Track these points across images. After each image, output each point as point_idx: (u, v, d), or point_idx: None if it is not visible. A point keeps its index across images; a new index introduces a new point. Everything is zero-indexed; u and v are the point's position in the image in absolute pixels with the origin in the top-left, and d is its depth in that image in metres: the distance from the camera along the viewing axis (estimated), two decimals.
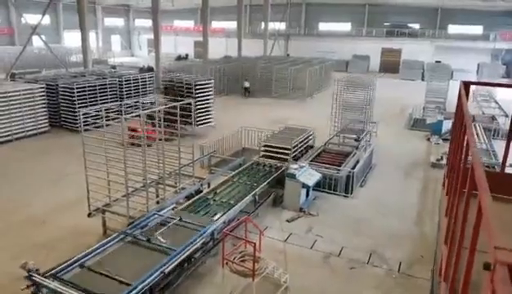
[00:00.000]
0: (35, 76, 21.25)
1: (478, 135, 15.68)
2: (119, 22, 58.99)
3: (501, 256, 1.89)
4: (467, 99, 6.13)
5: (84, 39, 22.75)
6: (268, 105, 23.85)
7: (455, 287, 3.31)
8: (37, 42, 46.66)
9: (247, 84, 26.96)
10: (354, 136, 15.85)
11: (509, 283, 1.76)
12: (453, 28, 43.23)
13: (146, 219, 8.19)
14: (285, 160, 11.98)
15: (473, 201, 3.14)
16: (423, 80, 33.86)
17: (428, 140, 16.97)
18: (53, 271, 6.28)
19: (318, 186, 11.01)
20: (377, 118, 18.65)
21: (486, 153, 13.15)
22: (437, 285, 4.89)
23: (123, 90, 18.67)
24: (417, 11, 44.21)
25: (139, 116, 9.13)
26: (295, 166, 10.21)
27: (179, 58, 49.56)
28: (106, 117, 9.06)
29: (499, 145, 14.76)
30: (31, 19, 45.53)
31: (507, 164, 11.68)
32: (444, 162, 13.24)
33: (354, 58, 44.29)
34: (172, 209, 8.75)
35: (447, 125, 17.11)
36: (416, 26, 45.32)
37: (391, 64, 43.54)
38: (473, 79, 34.88)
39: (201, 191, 9.97)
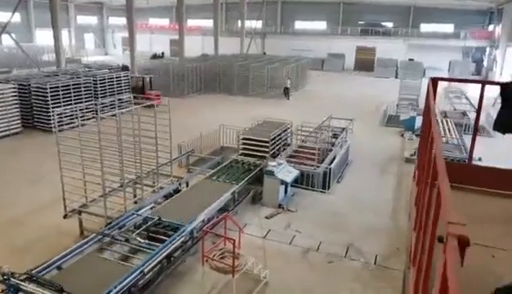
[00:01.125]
0: (6, 76, 20.66)
1: (449, 130, 16.19)
2: (92, 20, 57.82)
3: (453, 229, 2.13)
4: (435, 95, 6.35)
5: (57, 38, 22.27)
6: (246, 104, 23.92)
7: (421, 269, 3.50)
8: (7, 40, 45.42)
9: (288, 84, 26.01)
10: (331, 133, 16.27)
11: (458, 253, 1.97)
12: (425, 27, 44.35)
13: (125, 219, 8.14)
14: (264, 158, 12.08)
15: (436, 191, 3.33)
16: (397, 78, 34.62)
17: (402, 136, 17.40)
18: (29, 274, 6.18)
19: (296, 182, 11.16)
20: (353, 116, 18.99)
21: (457, 148, 13.61)
22: (408, 271, 5.10)
23: (98, 89, 18.35)
24: (391, 9, 45.13)
25: (115, 115, 9.06)
26: (273, 163, 10.32)
27: (155, 56, 48.97)
28: (82, 116, 8.95)
29: (469, 141, 15.31)
30: (0, 16, 44.40)
31: (475, 158, 12.19)
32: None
33: (329, 56, 44.83)
34: (151, 209, 8.73)
35: (420, 121, 17.58)
36: (390, 25, 46.26)
37: (366, 63, 44.29)
38: (445, 76, 35.89)
39: (179, 190, 9.96)
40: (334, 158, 12.39)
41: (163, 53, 50.94)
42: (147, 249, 7.00)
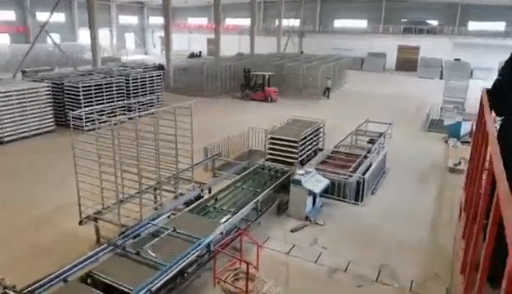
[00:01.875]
0: (44, 74, 21.10)
1: None
2: (133, 20, 59.01)
3: None
4: (491, 111, 5.28)
5: (93, 37, 22.50)
6: (280, 104, 23.25)
7: None
8: (50, 40, 47.15)
9: (329, 83, 25.31)
10: (367, 139, 15.31)
11: None
12: (473, 25, 41.75)
13: (140, 228, 7.72)
14: (292, 164, 11.39)
15: None
16: (441, 78, 32.67)
17: (446, 142, 16.11)
18: (34, 286, 5.86)
19: (326, 192, 10.38)
20: (393, 119, 17.88)
21: None
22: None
23: (130, 88, 18.28)
24: (436, 6, 42.85)
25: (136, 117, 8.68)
26: (301, 171, 9.60)
27: (192, 55, 49.34)
28: (110, 115, 8.65)
29: None
30: (44, 17, 46.12)
31: None
32: (462, 167, 12.48)
33: (370, 56, 43.20)
34: (168, 217, 8.27)
35: (466, 127, 16.24)
36: (435, 23, 43.96)
37: (408, 62, 42.30)
38: (494, 78, 33.48)
39: (201, 197, 9.46)
40: (369, 167, 11.49)
41: (200, 52, 51.19)
42: (159, 264, 6.52)
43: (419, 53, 41.94)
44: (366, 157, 12.32)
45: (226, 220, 7.88)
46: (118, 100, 17.30)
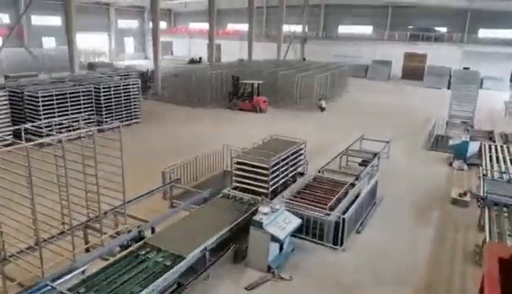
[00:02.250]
0: (26, 80, 19.57)
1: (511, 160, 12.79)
2: (133, 24, 57.72)
3: None
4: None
5: (71, 41, 20.98)
6: (271, 116, 21.42)
7: None
8: (46, 43, 45.99)
9: (324, 104, 23.36)
10: (360, 160, 13.45)
11: None
12: (484, 32, 39.60)
13: (37, 290, 5.92)
14: (264, 194, 9.56)
15: None
16: (449, 88, 30.62)
17: (451, 164, 14.15)
18: None
19: (300, 232, 8.55)
20: (392, 135, 16.01)
21: None
22: None
23: (101, 98, 16.59)
24: (444, 13, 40.75)
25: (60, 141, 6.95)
26: (265, 209, 7.74)
27: (192, 61, 47.88)
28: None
29: None
30: (40, 20, 44.99)
31: None
32: (468, 198, 10.55)
33: (374, 63, 41.20)
34: (83, 272, 6.48)
35: (474, 147, 14.27)
36: (443, 30, 41.88)
37: (415, 71, 40.19)
38: (506, 88, 31.43)
39: (142, 238, 7.68)
40: (355, 198, 9.61)
41: (200, 58, 49.63)
42: None
43: (426, 61, 39.89)
44: (353, 184, 10.44)
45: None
46: (85, 112, 15.76)
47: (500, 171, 11.46)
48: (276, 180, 9.83)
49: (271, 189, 9.65)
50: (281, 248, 7.86)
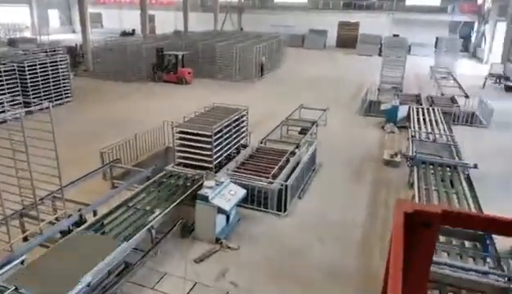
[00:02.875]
0: None
1: (437, 121, 13.86)
2: None
3: None
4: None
5: None
6: (210, 88, 21.20)
7: None
8: None
9: (264, 60, 23.15)
10: (300, 128, 13.85)
11: None
12: (411, 0, 41.53)
13: None
14: (207, 168, 9.61)
15: None
16: (380, 55, 32.05)
17: (383, 128, 15.04)
18: None
19: (246, 201, 8.77)
20: (328, 102, 16.59)
21: (446, 148, 11.24)
22: None
23: (27, 78, 15.42)
24: None
25: None
26: (210, 183, 7.83)
27: (124, 34, 45.52)
28: None
29: (460, 134, 13.05)
30: None
31: (470, 164, 9.85)
32: (398, 159, 11.35)
33: (311, 33, 41.87)
34: (22, 263, 6.22)
35: (404, 110, 15.24)
36: None
37: (348, 39, 41.41)
38: (431, 54, 33.46)
39: (84, 222, 7.47)
40: (296, 166, 9.97)
41: (133, 30, 47.23)
42: None
43: (358, 30, 41.23)
44: (293, 153, 10.80)
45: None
46: (9, 93, 14.64)
47: (426, 132, 12.38)
48: (220, 150, 9.89)
49: (215, 162, 9.72)
50: (228, 219, 8.04)
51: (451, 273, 5.78)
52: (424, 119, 13.91)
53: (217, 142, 9.78)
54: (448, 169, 9.69)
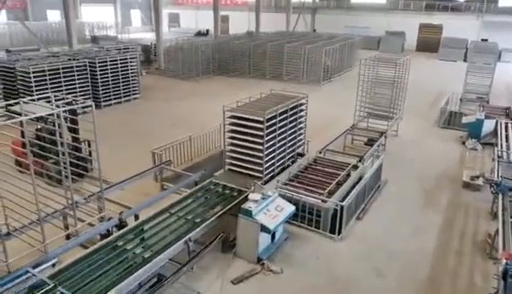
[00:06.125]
0: (26, 54, 18.90)
1: None
2: None
3: None
4: None
5: (67, 15, 20.12)
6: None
7: None
8: (51, 16, 45.21)
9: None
10: (366, 139, 12.67)
11: None
12: (504, 1, 37.39)
13: (10, 281, 5.50)
14: (257, 177, 8.95)
15: None
16: (465, 61, 29.16)
17: (464, 143, 13.29)
18: None
19: (296, 217, 7.96)
20: (403, 110, 15.10)
21: None
22: None
23: (97, 73, 15.94)
24: None
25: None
26: (256, 196, 7.14)
27: (199, 34, 46.58)
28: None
29: None
30: None
31: None
32: (481, 182, 9.77)
33: (387, 34, 39.48)
34: (53, 265, 6.01)
35: (489, 125, 13.36)
36: None
37: (430, 42, 38.50)
38: None
39: (124, 226, 7.17)
40: (357, 183, 8.93)
41: (207, 30, 48.21)
42: None
43: (442, 33, 38.12)
44: (356, 166, 9.75)
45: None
46: (80, 88, 15.22)
47: None
48: (273, 160, 9.19)
49: (266, 165, 9.03)
50: (273, 237, 7.29)
51: None
52: None
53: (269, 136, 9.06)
54: None
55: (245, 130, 9.19)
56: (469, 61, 20.79)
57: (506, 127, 12.74)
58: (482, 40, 33.61)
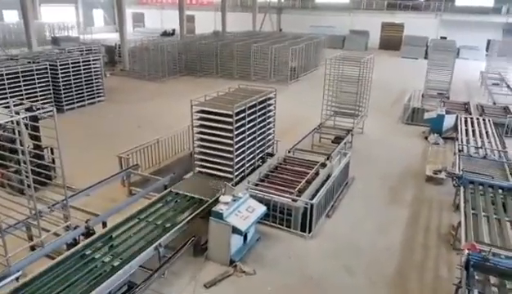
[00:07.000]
0: None
1: (487, 134, 12.49)
2: None
3: None
4: None
5: (25, 16, 19.37)
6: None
7: None
8: (7, 16, 43.31)
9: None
10: (333, 137, 12.91)
11: None
12: (461, 1, 39.02)
13: None
14: (227, 179, 8.94)
15: None
16: (426, 58, 30.16)
17: (426, 138, 13.78)
18: None
19: (267, 217, 8.01)
20: (367, 108, 15.46)
21: (498, 166, 9.94)
22: None
23: (59, 77, 15.40)
24: None
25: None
26: (227, 198, 7.13)
27: (165, 34, 45.94)
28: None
29: None
30: None
31: None
32: (443, 176, 10.16)
33: (351, 34, 40.35)
34: (17, 279, 5.78)
35: (450, 120, 13.91)
36: None
37: (392, 41, 39.68)
38: (482, 57, 31.21)
39: (92, 233, 6.98)
40: (325, 181, 9.07)
41: (174, 30, 47.64)
42: None
43: (403, 31, 39.34)
44: (324, 164, 9.91)
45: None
46: (41, 92, 14.69)
47: (476, 147, 11.11)
48: (243, 159, 9.19)
49: (236, 167, 9.03)
50: (245, 238, 7.30)
51: None
52: (473, 131, 12.61)
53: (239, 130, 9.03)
54: (501, 191, 8.44)
55: (214, 124, 9.02)
56: (430, 58, 21.56)
57: (466, 122, 13.30)
58: (441, 38, 34.94)
